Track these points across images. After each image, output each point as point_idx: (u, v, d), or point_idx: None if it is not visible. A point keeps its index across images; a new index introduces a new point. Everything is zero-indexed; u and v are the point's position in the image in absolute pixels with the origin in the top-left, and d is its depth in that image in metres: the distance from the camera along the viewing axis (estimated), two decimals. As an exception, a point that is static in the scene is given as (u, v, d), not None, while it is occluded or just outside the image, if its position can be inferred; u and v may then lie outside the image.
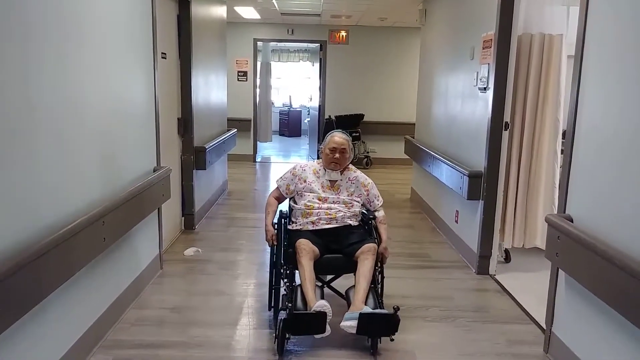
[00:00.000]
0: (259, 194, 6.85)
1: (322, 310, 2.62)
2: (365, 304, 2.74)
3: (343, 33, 9.05)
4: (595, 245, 2.23)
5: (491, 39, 3.87)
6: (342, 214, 3.09)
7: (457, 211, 4.65)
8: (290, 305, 2.63)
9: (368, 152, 9.12)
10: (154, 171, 3.58)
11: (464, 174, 4.15)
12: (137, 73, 3.35)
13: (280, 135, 13.61)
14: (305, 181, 3.18)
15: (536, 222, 4.10)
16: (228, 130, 6.56)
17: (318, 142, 8.48)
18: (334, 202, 3.12)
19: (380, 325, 2.67)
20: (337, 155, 3.14)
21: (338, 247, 3.01)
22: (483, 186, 3.97)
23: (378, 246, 3.00)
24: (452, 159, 4.67)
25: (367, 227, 3.18)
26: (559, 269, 2.73)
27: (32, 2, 2.09)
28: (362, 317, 2.61)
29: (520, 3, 3.72)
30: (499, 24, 3.76)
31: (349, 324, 2.64)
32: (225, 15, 6.55)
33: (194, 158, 4.90)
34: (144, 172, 3.43)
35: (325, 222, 3.06)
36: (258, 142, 9.64)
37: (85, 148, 2.61)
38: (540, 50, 3.94)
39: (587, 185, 2.52)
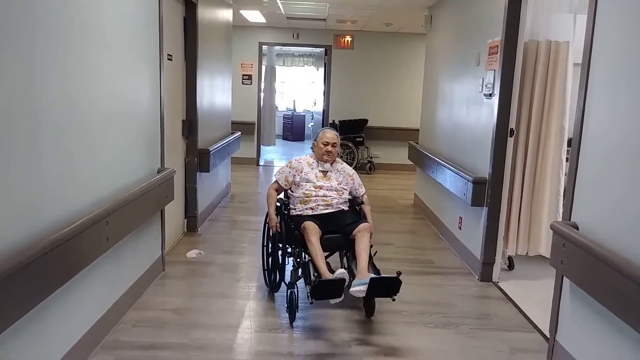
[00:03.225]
0: (261, 197, 6.82)
1: (342, 277, 2.95)
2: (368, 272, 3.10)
3: (348, 38, 9.07)
4: (601, 253, 2.21)
5: (497, 45, 3.87)
6: (336, 200, 3.50)
7: (460, 217, 4.63)
8: (316, 274, 3.02)
9: (371, 158, 9.11)
10: (158, 172, 3.58)
11: (468, 180, 4.13)
12: (142, 74, 3.35)
13: (283, 139, 13.62)
14: (301, 172, 3.56)
15: (540, 230, 4.08)
16: (232, 133, 6.58)
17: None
18: (328, 189, 3.52)
19: (385, 288, 2.98)
20: (329, 148, 3.57)
21: (336, 229, 3.36)
22: (487, 193, 3.96)
23: None
24: (456, 165, 4.65)
25: (353, 211, 3.60)
26: (564, 277, 2.71)
27: (37, 3, 2.09)
28: (373, 281, 2.91)
29: (526, 10, 3.72)
30: (506, 31, 3.75)
31: (359, 288, 2.93)
32: (231, 18, 6.57)
33: (198, 160, 4.90)
34: (148, 174, 3.43)
35: (323, 207, 3.46)
36: (262, 146, 9.65)
37: (89, 148, 2.61)
38: (547, 57, 3.93)
39: (593, 192, 2.51)
